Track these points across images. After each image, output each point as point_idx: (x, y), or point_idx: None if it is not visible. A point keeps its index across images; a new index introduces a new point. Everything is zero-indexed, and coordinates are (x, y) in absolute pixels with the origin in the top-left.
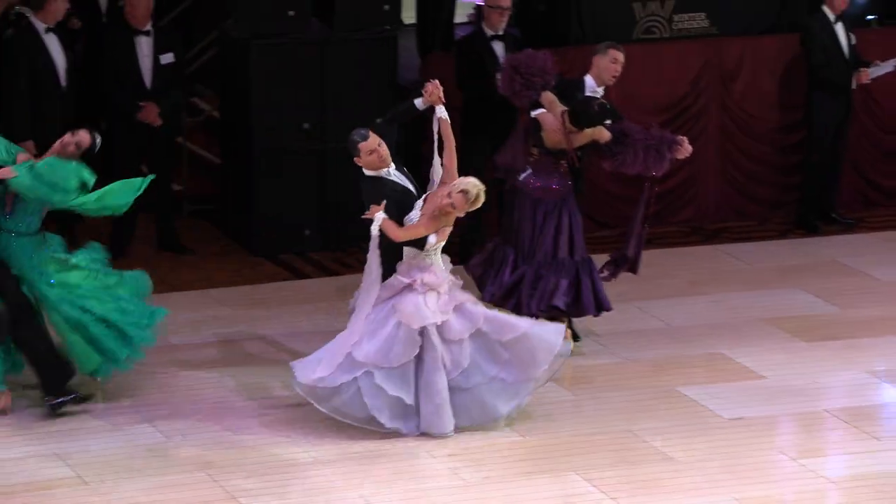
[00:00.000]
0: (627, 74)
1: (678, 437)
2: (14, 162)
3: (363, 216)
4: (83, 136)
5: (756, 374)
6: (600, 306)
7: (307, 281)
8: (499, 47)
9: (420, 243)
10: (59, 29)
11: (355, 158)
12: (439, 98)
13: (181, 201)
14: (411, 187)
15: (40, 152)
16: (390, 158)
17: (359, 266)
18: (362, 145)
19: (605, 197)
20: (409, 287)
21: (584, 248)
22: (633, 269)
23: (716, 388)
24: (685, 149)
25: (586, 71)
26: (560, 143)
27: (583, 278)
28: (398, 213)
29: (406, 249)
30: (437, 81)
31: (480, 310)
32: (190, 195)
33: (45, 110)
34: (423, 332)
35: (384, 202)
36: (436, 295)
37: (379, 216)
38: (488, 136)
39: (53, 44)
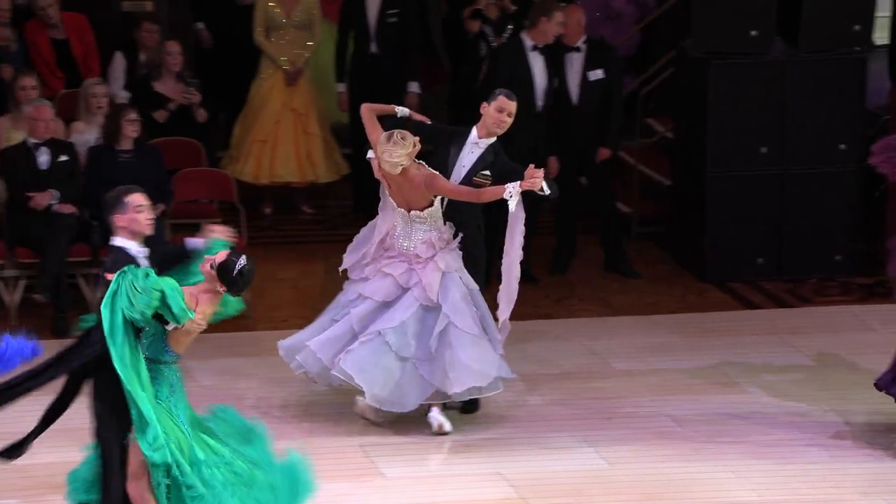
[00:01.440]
0: None
1: None
2: None
3: None
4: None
5: None
6: None
7: (759, 311)
8: None
9: None
10: (546, 50)
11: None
12: (531, 184)
13: (630, 223)
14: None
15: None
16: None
17: (815, 299)
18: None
19: None
20: None
21: None
22: None
23: None
24: None
25: None
26: None
27: None
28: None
29: None
30: (541, 171)
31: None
32: (639, 217)
33: (518, 127)
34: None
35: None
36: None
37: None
38: None
39: (538, 63)
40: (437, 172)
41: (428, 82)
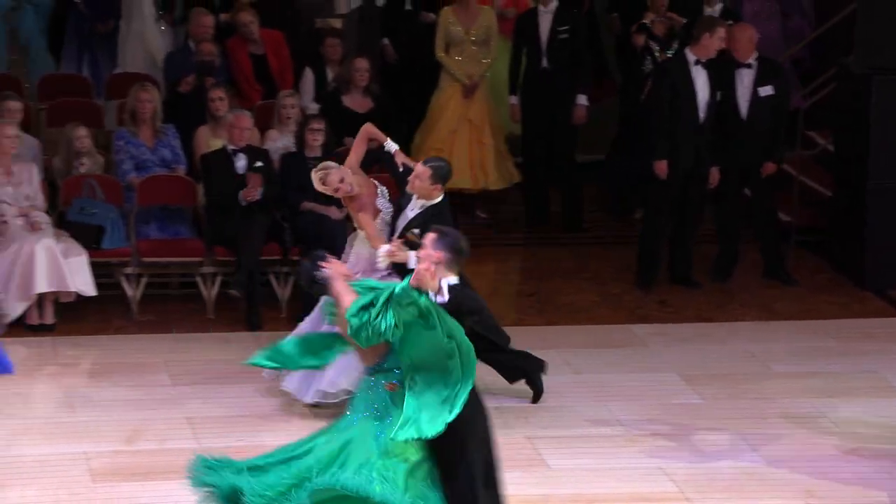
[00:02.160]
0: None
1: None
2: None
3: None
4: None
5: None
6: None
7: None
8: None
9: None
10: (708, 64)
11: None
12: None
13: (790, 232)
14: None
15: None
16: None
17: None
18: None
19: None
20: None
21: None
22: None
23: None
24: None
25: None
26: None
27: None
28: None
29: None
30: (393, 245)
31: None
32: (799, 226)
33: (681, 139)
34: None
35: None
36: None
37: None
38: None
39: (700, 77)
40: (368, 206)
41: (598, 96)
